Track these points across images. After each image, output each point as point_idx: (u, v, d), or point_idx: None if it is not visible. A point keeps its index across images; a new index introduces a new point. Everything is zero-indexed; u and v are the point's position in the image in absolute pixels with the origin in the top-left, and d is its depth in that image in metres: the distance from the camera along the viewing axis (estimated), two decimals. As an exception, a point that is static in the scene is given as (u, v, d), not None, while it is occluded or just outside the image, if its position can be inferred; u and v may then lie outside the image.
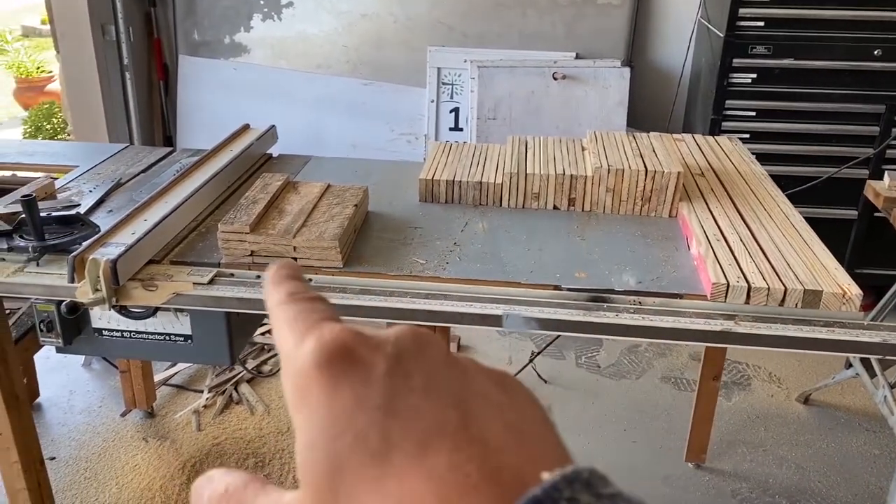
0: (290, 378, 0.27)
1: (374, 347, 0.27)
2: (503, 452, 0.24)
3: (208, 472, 0.30)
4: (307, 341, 0.27)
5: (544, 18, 3.25)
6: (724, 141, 2.09)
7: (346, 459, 0.24)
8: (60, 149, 2.13)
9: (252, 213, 1.45)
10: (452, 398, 0.26)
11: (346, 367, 0.26)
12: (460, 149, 1.89)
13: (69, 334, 1.56)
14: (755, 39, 2.76)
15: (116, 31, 3.37)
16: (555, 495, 0.21)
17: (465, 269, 1.42)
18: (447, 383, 0.27)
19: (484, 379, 0.28)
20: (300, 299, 0.30)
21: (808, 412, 2.54)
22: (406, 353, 0.27)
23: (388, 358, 0.27)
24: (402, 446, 0.24)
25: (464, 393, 0.27)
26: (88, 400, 2.53)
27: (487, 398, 0.27)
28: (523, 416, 0.27)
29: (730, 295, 1.31)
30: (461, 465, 0.23)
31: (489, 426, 0.25)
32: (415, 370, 0.27)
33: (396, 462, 0.24)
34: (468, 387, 0.27)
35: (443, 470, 0.23)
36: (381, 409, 0.25)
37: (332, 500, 0.24)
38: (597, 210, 1.68)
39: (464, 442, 0.24)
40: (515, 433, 0.25)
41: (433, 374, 0.27)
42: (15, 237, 1.43)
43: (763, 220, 1.58)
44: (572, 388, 2.63)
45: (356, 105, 3.48)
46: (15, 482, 1.71)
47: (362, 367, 0.26)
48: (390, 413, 0.25)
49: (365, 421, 0.25)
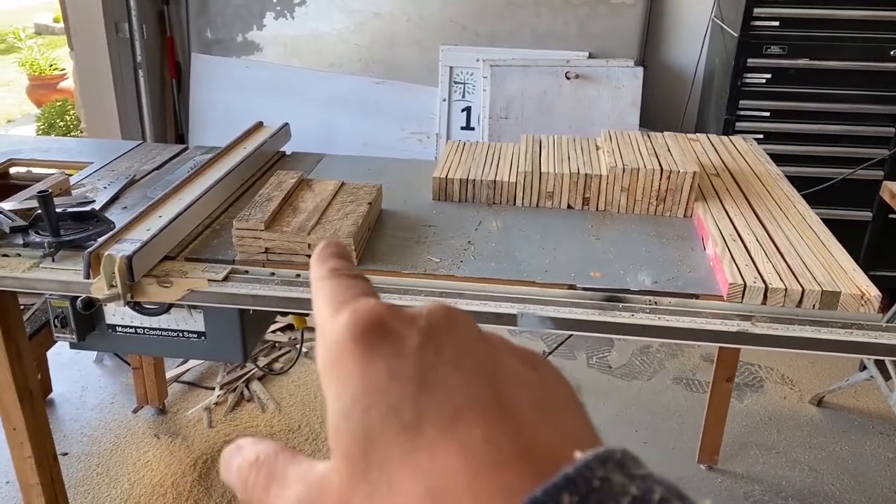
0: (324, 349, 0.28)
1: (407, 321, 0.28)
2: (535, 429, 0.24)
3: (237, 441, 0.30)
4: (342, 314, 0.28)
5: (557, 17, 3.24)
6: (739, 141, 2.08)
7: (379, 430, 0.24)
8: (75, 145, 2.14)
9: (267, 210, 1.45)
10: (484, 373, 0.26)
11: (380, 340, 0.27)
12: (474, 147, 1.89)
13: (83, 330, 1.56)
14: (770, 39, 2.74)
15: (130, 28, 3.38)
16: (587, 475, 0.21)
17: (479, 267, 1.41)
18: (478, 359, 0.27)
19: (514, 356, 0.28)
20: (341, 275, 0.31)
21: (822, 414, 2.52)
22: (438, 327, 0.28)
23: (420, 332, 0.27)
24: (434, 420, 0.24)
25: (495, 369, 0.27)
26: (100, 396, 2.54)
27: (518, 375, 0.27)
28: (554, 394, 0.27)
29: (747, 295, 1.30)
30: (493, 440, 0.23)
31: (520, 402, 0.25)
32: (447, 345, 0.27)
33: (428, 435, 0.24)
34: (499, 363, 0.27)
35: (475, 444, 0.23)
36: (413, 382, 0.25)
37: (364, 469, 0.24)
38: (611, 209, 1.67)
39: (496, 417, 0.24)
40: (546, 411, 0.26)
41: (464, 349, 0.27)
42: (31, 233, 1.43)
43: (779, 221, 1.57)
44: (584, 389, 2.62)
45: (368, 104, 3.49)
46: (28, 477, 1.72)
47: (396, 341, 0.27)
48: (423, 386, 0.25)
49: (398, 393, 0.25)
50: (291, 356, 2.74)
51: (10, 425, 1.66)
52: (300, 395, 2.54)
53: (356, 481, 0.24)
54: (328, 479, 0.25)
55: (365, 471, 0.24)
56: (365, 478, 0.24)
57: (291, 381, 2.62)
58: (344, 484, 0.25)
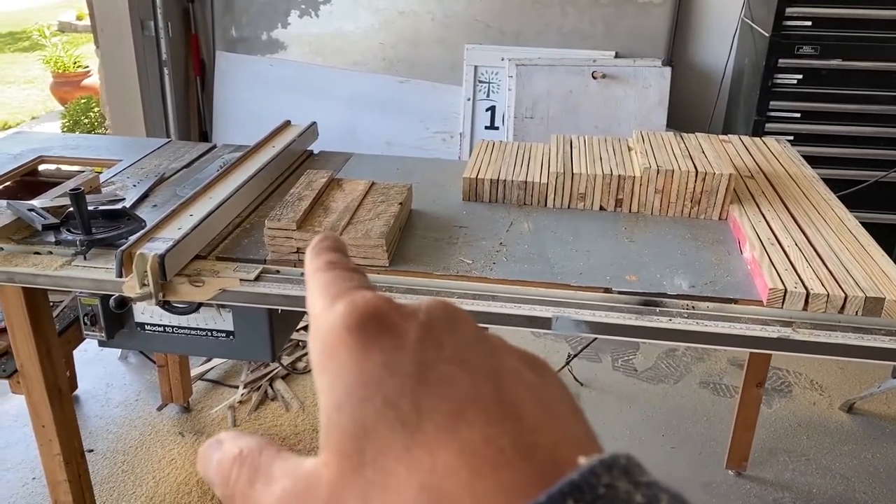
0: (317, 339, 0.27)
1: (406, 315, 0.27)
2: (537, 431, 0.24)
3: (217, 435, 0.29)
4: (338, 304, 0.27)
5: (584, 16, 3.21)
6: (772, 142, 2.04)
7: (374, 424, 0.24)
8: (103, 143, 2.14)
9: (298, 209, 1.43)
10: (485, 372, 0.25)
11: (378, 332, 0.26)
12: (504, 147, 1.87)
13: (112, 328, 1.56)
14: (802, 39, 2.70)
15: (155, 26, 3.39)
16: (593, 481, 0.21)
17: (512, 269, 1.39)
18: (479, 357, 0.26)
19: (515, 357, 0.28)
20: (337, 268, 0.30)
21: (852, 421, 2.48)
22: (438, 323, 0.27)
23: (420, 326, 0.27)
24: (434, 417, 0.23)
25: (496, 368, 0.26)
26: (125, 393, 2.54)
27: (519, 376, 0.26)
28: (555, 397, 0.26)
29: (787, 301, 1.27)
30: (495, 440, 0.23)
31: (522, 403, 0.25)
32: (446, 341, 0.26)
33: (427, 432, 0.23)
34: (500, 362, 0.27)
35: (476, 443, 0.23)
36: (412, 377, 0.25)
37: (358, 465, 0.23)
38: (644, 211, 1.65)
39: (497, 416, 0.24)
40: (548, 413, 0.25)
41: (465, 346, 0.27)
42: (62, 231, 1.43)
43: (818, 224, 1.54)
44: (609, 392, 2.60)
45: (391, 102, 3.47)
46: (56, 474, 1.72)
47: (394, 333, 0.26)
48: (422, 381, 0.24)
49: (395, 387, 0.24)
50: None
51: (39, 422, 1.66)
52: (324, 395, 2.53)
53: (348, 477, 0.23)
54: (317, 475, 0.24)
55: (358, 466, 0.23)
56: (358, 474, 0.23)
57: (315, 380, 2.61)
58: (335, 480, 0.24)
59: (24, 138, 2.11)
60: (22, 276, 1.38)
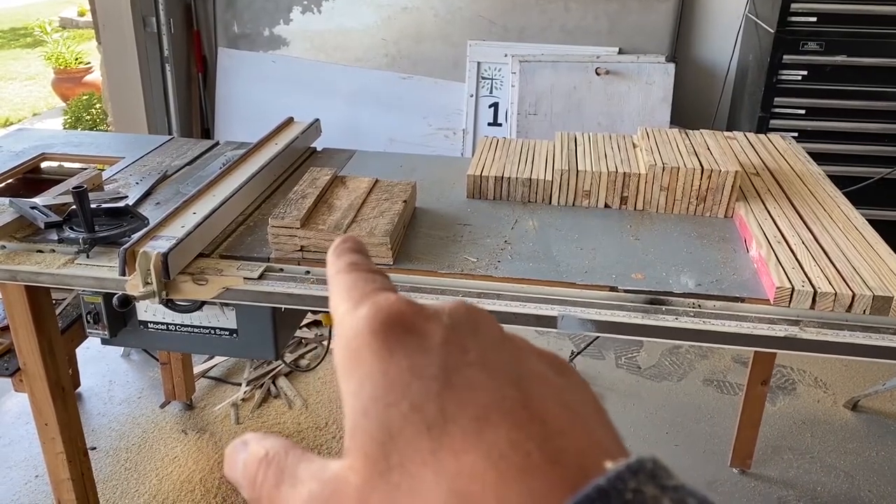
0: (341, 343, 0.27)
1: (429, 318, 0.27)
2: (563, 435, 0.23)
3: (243, 436, 0.29)
4: (362, 307, 0.27)
5: (587, 12, 3.20)
6: (778, 139, 2.03)
7: (400, 428, 0.24)
8: (105, 140, 2.13)
9: (302, 207, 1.43)
10: (510, 375, 0.25)
11: (402, 335, 0.26)
12: (508, 144, 1.86)
13: (116, 326, 1.56)
14: (807, 35, 2.68)
15: (157, 22, 3.38)
16: (620, 486, 0.21)
17: (517, 268, 1.39)
18: (504, 360, 0.26)
19: (539, 359, 0.28)
20: (359, 269, 0.31)
21: (857, 419, 2.47)
22: (462, 325, 0.27)
23: (444, 329, 0.27)
24: (459, 420, 0.23)
25: (521, 371, 0.26)
26: (128, 391, 2.54)
27: (544, 379, 0.26)
28: (581, 400, 0.26)
29: (794, 300, 1.26)
30: (522, 444, 0.23)
31: (548, 407, 0.24)
32: (471, 344, 0.26)
33: (453, 436, 0.23)
34: (524, 365, 0.26)
35: (503, 447, 0.23)
36: (437, 380, 0.25)
37: (384, 469, 0.23)
38: (649, 209, 1.64)
39: (524, 420, 0.23)
40: (574, 416, 0.25)
41: (489, 349, 0.26)
42: (65, 228, 1.42)
43: (824, 222, 1.53)
44: (612, 389, 2.59)
45: (394, 99, 3.46)
46: (60, 472, 1.72)
47: (418, 336, 0.26)
48: (447, 385, 0.24)
49: (421, 390, 0.24)
50: (318, 353, 2.73)
51: (42, 420, 1.65)
52: (327, 392, 2.53)
53: (375, 482, 0.23)
54: (344, 479, 0.24)
55: (385, 471, 0.23)
56: (384, 478, 0.23)
57: (318, 377, 2.61)
58: (361, 484, 0.24)
59: (26, 135, 2.10)
60: (24, 275, 1.38)
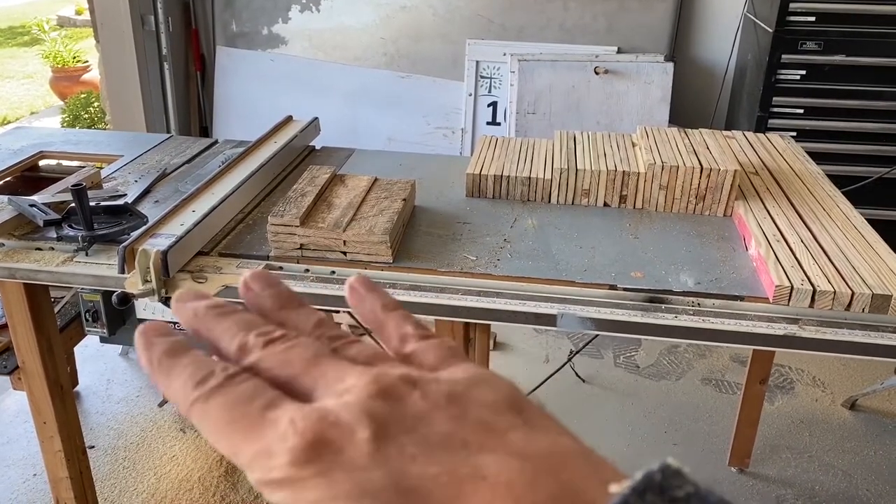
0: (272, 486, 0.25)
1: (350, 429, 0.25)
2: (542, 482, 0.23)
3: None
4: (275, 445, 0.25)
5: (586, 12, 3.20)
6: (776, 138, 2.03)
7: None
8: (104, 138, 2.13)
9: (301, 205, 1.43)
10: (460, 450, 0.24)
11: (334, 457, 0.24)
12: (507, 143, 1.86)
13: (114, 325, 1.56)
14: (805, 35, 2.69)
15: (156, 21, 3.37)
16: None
17: (517, 266, 1.39)
18: (446, 433, 0.24)
19: (484, 406, 0.26)
20: (223, 387, 0.27)
21: (855, 418, 2.48)
22: (387, 423, 0.25)
23: (370, 434, 0.24)
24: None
25: (470, 437, 0.24)
26: (126, 389, 2.54)
27: (493, 430, 0.25)
28: (550, 434, 0.25)
29: (793, 298, 1.26)
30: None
31: (508, 465, 0.23)
32: (405, 439, 0.24)
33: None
34: (472, 425, 0.25)
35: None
36: (389, 489, 0.23)
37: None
38: (648, 208, 1.64)
39: (495, 492, 0.22)
40: (546, 456, 0.24)
41: (426, 429, 0.25)
42: (64, 226, 1.42)
43: (823, 221, 1.53)
44: (611, 389, 2.59)
45: (392, 98, 3.46)
46: (58, 471, 1.72)
47: (346, 453, 0.24)
48: (402, 491, 0.23)
49: None
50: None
51: (41, 419, 1.65)
52: (325, 391, 2.52)
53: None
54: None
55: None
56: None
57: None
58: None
59: (25, 133, 2.10)
60: (23, 272, 1.38)
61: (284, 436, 0.24)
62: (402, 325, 0.32)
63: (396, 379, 0.26)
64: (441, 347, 0.30)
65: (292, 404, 0.26)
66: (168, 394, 0.28)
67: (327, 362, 0.28)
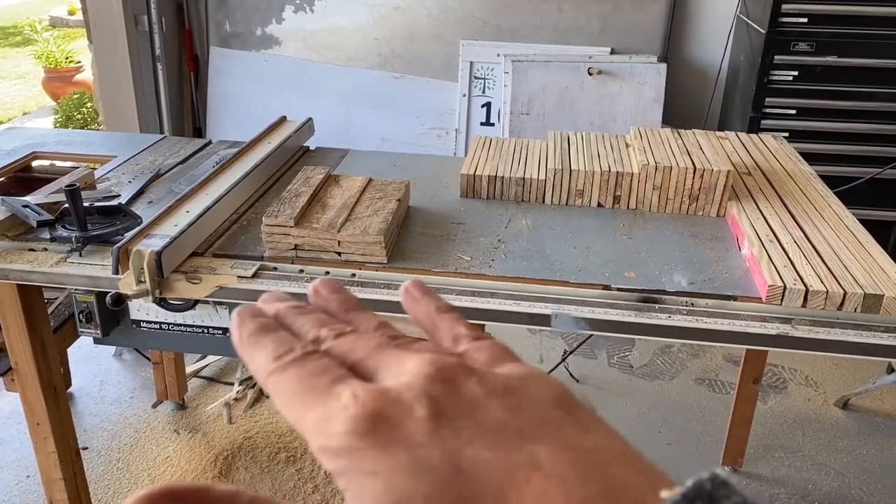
0: (329, 454, 0.26)
1: (409, 407, 0.26)
2: (591, 479, 0.23)
3: None
4: (336, 416, 0.26)
5: (580, 13, 3.20)
6: (769, 139, 2.04)
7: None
8: (97, 139, 2.12)
9: (296, 206, 1.43)
10: (515, 439, 0.24)
11: (391, 431, 0.25)
12: (501, 144, 1.86)
13: (108, 325, 1.55)
14: (798, 36, 2.70)
15: (149, 21, 3.36)
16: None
17: (511, 266, 1.39)
18: (502, 420, 0.25)
19: (539, 400, 0.26)
20: (300, 361, 0.29)
21: (847, 417, 2.49)
22: (443, 404, 0.26)
23: (428, 413, 0.25)
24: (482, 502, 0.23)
25: (524, 427, 0.25)
26: (120, 390, 2.53)
27: (547, 424, 0.25)
28: (600, 435, 0.25)
29: (786, 298, 1.27)
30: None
31: (561, 457, 0.24)
32: (461, 422, 0.25)
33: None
34: (527, 416, 0.25)
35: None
36: (443, 469, 0.24)
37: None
38: (642, 208, 1.65)
39: (546, 482, 0.23)
40: (598, 454, 0.24)
41: (482, 415, 0.25)
42: (58, 227, 1.42)
43: (815, 221, 1.54)
44: (604, 388, 2.60)
45: (386, 98, 3.46)
46: (51, 472, 1.71)
47: (406, 428, 0.25)
48: (455, 471, 0.24)
49: (431, 482, 0.24)
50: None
51: (34, 420, 1.65)
52: (319, 392, 2.52)
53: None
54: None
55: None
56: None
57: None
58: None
59: (17, 134, 2.09)
60: (16, 273, 1.37)
61: (346, 406, 0.26)
62: (454, 327, 0.33)
63: (455, 365, 0.27)
64: (493, 348, 0.31)
65: (357, 381, 0.27)
66: (251, 365, 0.30)
67: (390, 350, 0.29)
